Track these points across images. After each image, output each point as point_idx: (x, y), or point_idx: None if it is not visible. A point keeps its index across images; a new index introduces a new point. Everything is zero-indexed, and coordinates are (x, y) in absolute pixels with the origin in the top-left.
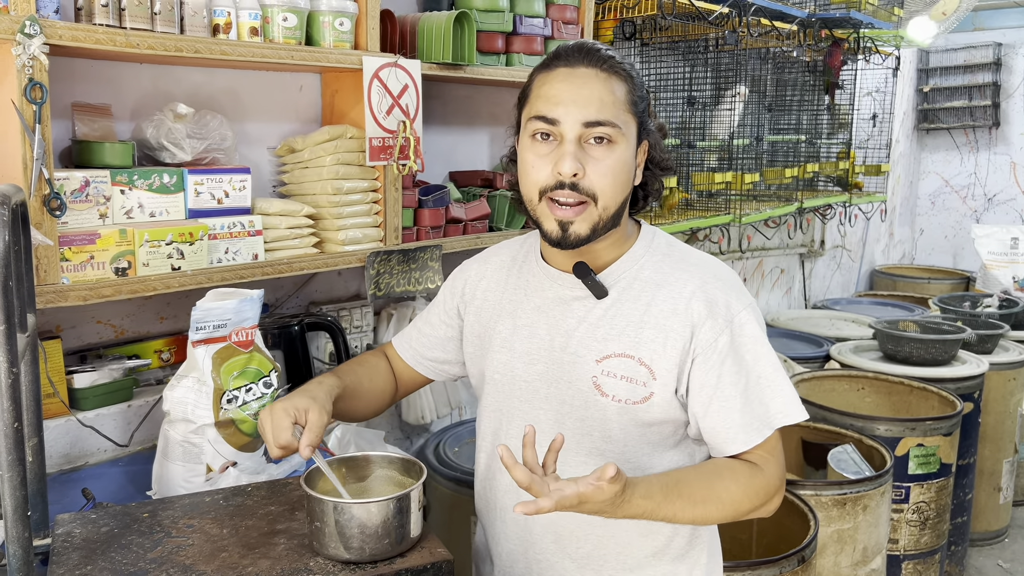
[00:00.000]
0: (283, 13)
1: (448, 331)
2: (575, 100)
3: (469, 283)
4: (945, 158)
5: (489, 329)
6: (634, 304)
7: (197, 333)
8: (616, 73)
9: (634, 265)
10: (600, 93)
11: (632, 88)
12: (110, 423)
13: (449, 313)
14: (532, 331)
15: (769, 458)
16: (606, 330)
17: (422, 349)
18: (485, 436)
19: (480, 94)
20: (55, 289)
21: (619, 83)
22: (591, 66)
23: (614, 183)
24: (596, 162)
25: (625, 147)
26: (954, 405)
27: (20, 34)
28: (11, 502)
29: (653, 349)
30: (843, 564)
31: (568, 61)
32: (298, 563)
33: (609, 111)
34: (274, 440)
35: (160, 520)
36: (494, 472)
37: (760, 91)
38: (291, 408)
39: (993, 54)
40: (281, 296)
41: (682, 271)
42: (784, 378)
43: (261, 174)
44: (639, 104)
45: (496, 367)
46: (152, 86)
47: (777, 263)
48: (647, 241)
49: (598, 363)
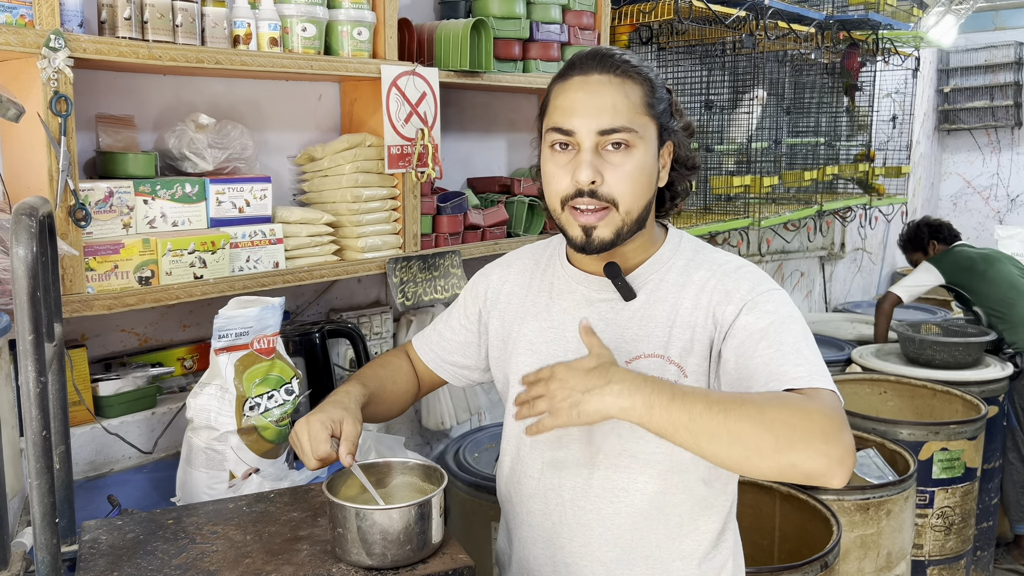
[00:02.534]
0: (302, 23)
1: (468, 336)
2: (589, 109)
3: (492, 288)
4: (967, 159)
5: (513, 332)
6: (661, 306)
7: (219, 341)
8: (630, 77)
9: (661, 268)
10: (613, 99)
11: (649, 90)
12: (134, 430)
13: (469, 318)
14: (559, 333)
15: (821, 396)
16: (635, 331)
17: (442, 353)
18: (510, 440)
19: (497, 101)
20: (80, 298)
21: (634, 87)
22: (604, 72)
23: (634, 187)
24: (614, 168)
25: (644, 150)
26: (978, 409)
27: (45, 48)
28: (39, 509)
29: (682, 347)
30: (867, 570)
31: (582, 69)
32: (321, 569)
33: (623, 117)
34: (313, 453)
35: (184, 526)
36: (519, 476)
37: (778, 94)
38: (327, 421)
39: (1015, 53)
40: (302, 303)
41: (706, 269)
42: (814, 352)
43: (281, 183)
44: (658, 105)
45: (522, 370)
46: (174, 97)
47: (797, 266)
48: (674, 244)
49: (628, 364)
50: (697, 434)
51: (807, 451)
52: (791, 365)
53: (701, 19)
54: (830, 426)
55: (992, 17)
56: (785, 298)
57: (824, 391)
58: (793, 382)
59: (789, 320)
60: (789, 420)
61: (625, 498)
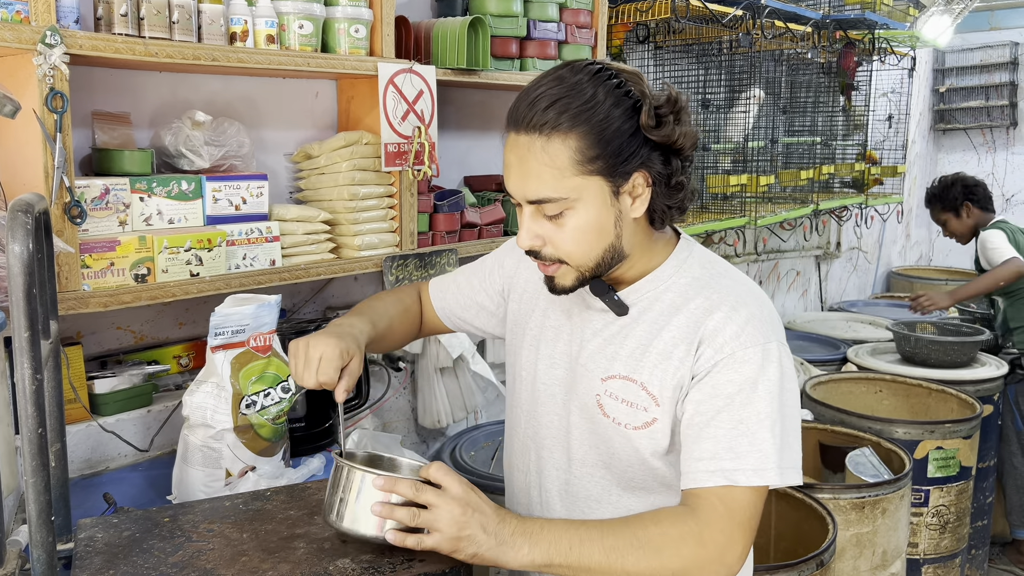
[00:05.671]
0: (299, 21)
1: (485, 300)
2: (518, 175)
3: (522, 264)
4: (962, 158)
5: (523, 322)
6: (648, 327)
7: (216, 338)
8: (559, 131)
9: (660, 286)
10: (537, 167)
11: (588, 139)
12: (130, 428)
13: (493, 284)
14: (557, 333)
15: (719, 512)
16: (615, 348)
17: (455, 307)
18: (508, 431)
19: (494, 99)
20: (76, 296)
21: (563, 145)
22: (529, 131)
23: (578, 246)
24: (555, 230)
25: (585, 209)
26: (973, 408)
27: (41, 44)
28: (35, 507)
29: (655, 375)
30: (862, 568)
31: (513, 123)
32: (318, 567)
33: (549, 186)
34: (319, 373)
35: (181, 524)
36: (528, 465)
37: (775, 93)
38: (343, 351)
39: (1010, 53)
40: (298, 301)
41: (704, 297)
42: (772, 435)
43: (278, 180)
44: (608, 147)
45: (523, 364)
46: (170, 94)
47: (793, 265)
48: (679, 260)
49: (603, 382)
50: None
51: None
52: (729, 457)
53: (698, 18)
54: (701, 548)
55: (988, 17)
56: (772, 354)
57: (737, 495)
58: (711, 479)
59: (761, 389)
60: (660, 546)
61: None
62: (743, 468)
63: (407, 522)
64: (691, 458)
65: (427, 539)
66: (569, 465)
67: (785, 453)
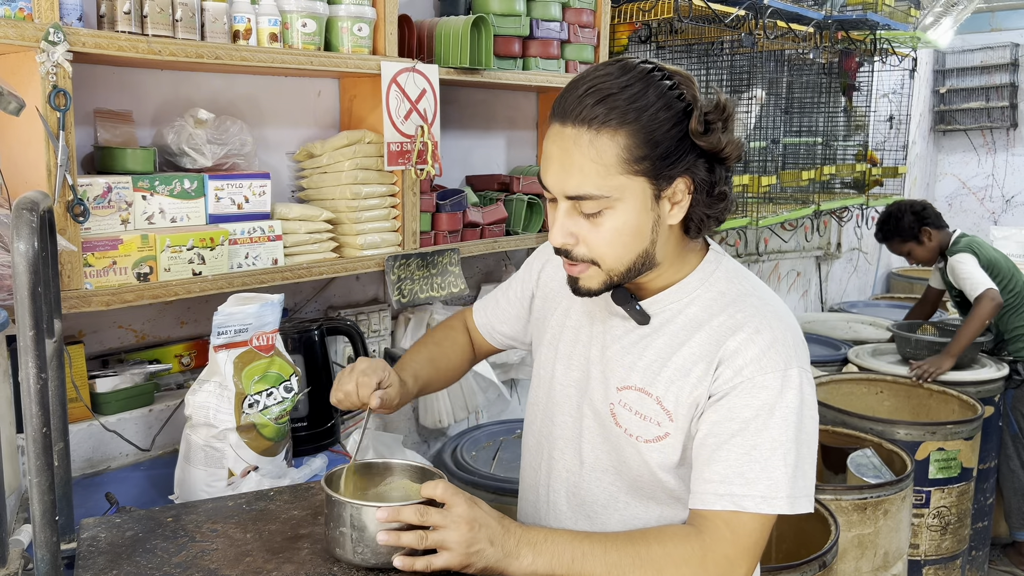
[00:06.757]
0: (302, 19)
1: (519, 310)
2: (559, 168)
3: (549, 263)
4: (962, 160)
5: (544, 319)
6: (669, 340)
7: (219, 338)
8: (609, 127)
9: (684, 298)
10: (582, 161)
11: (637, 138)
12: (132, 427)
13: (525, 291)
14: (576, 335)
15: (724, 536)
16: (633, 359)
17: (496, 323)
18: (526, 427)
19: (497, 98)
20: (79, 294)
21: (611, 140)
22: (578, 123)
23: (613, 248)
24: (590, 230)
25: (625, 210)
26: (975, 409)
27: (44, 41)
28: (39, 507)
29: (671, 391)
30: (864, 569)
31: (560, 115)
32: (322, 568)
33: (592, 183)
34: (359, 390)
35: (184, 524)
36: (540, 463)
37: (776, 93)
38: (385, 377)
39: (1010, 55)
40: (300, 301)
41: (728, 315)
42: (785, 463)
43: (280, 179)
44: (654, 150)
45: (542, 363)
46: (173, 92)
47: (793, 266)
48: (707, 272)
49: (618, 391)
50: None
51: None
52: (739, 482)
53: (700, 18)
54: (704, 570)
55: (988, 18)
56: (792, 380)
57: (744, 520)
58: (719, 502)
59: (778, 416)
60: (662, 566)
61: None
62: (752, 495)
63: (416, 546)
64: (701, 479)
65: (437, 560)
66: (580, 468)
67: (798, 481)
